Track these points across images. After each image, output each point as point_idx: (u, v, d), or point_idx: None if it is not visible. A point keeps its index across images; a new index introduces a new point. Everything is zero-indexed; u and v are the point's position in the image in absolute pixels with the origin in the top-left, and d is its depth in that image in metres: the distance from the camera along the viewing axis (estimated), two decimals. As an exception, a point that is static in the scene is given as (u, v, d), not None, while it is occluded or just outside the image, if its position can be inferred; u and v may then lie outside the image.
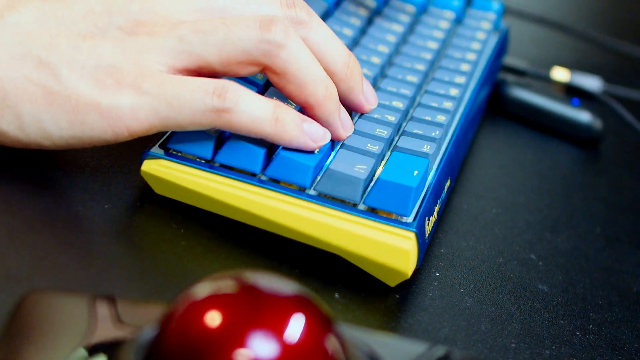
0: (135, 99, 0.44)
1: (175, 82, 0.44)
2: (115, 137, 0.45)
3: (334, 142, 0.50)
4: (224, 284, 0.33)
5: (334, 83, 0.49)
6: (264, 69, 0.47)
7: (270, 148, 0.48)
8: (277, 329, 0.32)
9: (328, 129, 0.48)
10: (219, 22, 0.46)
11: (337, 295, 0.46)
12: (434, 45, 0.63)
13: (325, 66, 0.48)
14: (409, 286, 0.48)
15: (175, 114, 0.44)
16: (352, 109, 0.52)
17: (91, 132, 0.44)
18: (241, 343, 0.31)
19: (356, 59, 0.51)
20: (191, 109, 0.44)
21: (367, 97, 0.52)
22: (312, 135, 0.47)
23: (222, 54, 0.45)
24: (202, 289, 0.33)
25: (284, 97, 0.49)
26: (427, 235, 0.48)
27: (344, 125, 0.49)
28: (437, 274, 0.50)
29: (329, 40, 0.49)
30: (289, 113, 0.46)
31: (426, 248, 0.49)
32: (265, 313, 0.32)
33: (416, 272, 0.48)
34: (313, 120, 0.48)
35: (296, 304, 0.33)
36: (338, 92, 0.49)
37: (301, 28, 0.48)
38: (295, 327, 0.32)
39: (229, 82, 0.45)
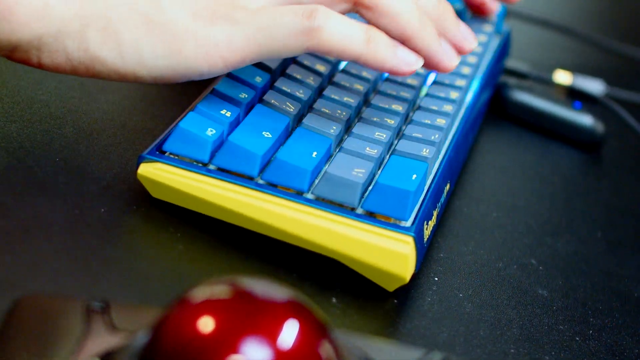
0: (229, 29, 0.46)
1: (266, 11, 0.46)
2: (209, 68, 0.46)
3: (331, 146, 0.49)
4: (218, 290, 0.33)
5: None
6: (355, 5, 0.49)
7: (268, 151, 0.47)
8: (270, 335, 0.32)
9: (432, 61, 0.50)
10: None
11: (334, 300, 0.45)
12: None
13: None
14: (407, 291, 0.47)
15: (268, 40, 0.46)
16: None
17: (186, 62, 0.46)
18: (234, 349, 0.31)
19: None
20: (283, 33, 0.46)
21: (465, 35, 0.52)
22: (405, 58, 0.48)
23: None
24: (196, 295, 0.33)
25: None
26: (425, 239, 0.48)
27: (448, 54, 0.50)
28: (436, 279, 0.49)
29: None
30: (381, 35, 0.47)
31: (425, 252, 0.49)
32: (259, 319, 0.32)
33: (415, 276, 0.48)
34: (405, 47, 0.48)
35: (290, 309, 0.33)
36: None
37: None
38: (289, 333, 0.32)
39: (319, 5, 0.47)
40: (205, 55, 0.46)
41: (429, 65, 0.50)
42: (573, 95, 0.74)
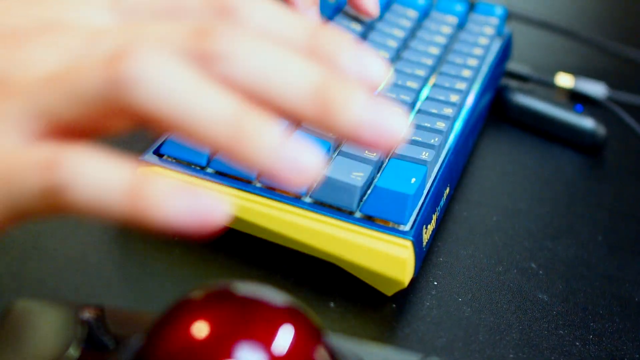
0: None
1: (6, 160, 0.31)
2: None
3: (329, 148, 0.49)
4: (213, 295, 0.33)
5: None
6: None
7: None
8: (265, 340, 0.31)
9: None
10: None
11: (332, 304, 0.45)
12: (435, 50, 0.63)
13: None
14: (406, 295, 0.47)
15: (9, 203, 0.31)
16: None
17: None
18: (228, 354, 0.31)
19: None
20: (19, 196, 0.31)
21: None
22: (198, 211, 0.30)
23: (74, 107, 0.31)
24: (190, 300, 0.33)
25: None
26: (424, 243, 0.47)
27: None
28: (435, 283, 0.49)
29: None
30: (153, 186, 0.30)
31: (424, 256, 0.48)
32: (254, 324, 0.32)
33: (414, 280, 0.47)
34: (201, 192, 0.30)
35: (285, 315, 0.32)
36: None
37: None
38: (284, 338, 0.32)
39: (66, 151, 0.31)
40: None
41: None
42: (575, 98, 0.73)
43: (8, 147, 0.32)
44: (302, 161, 0.30)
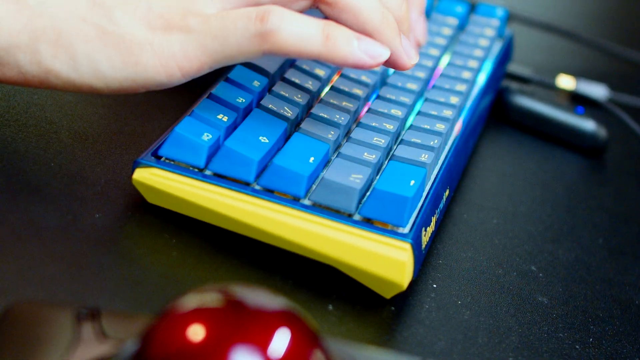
0: (184, 38, 0.45)
1: (219, 16, 0.45)
2: (168, 78, 0.45)
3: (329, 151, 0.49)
4: (209, 298, 0.33)
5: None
6: (315, 1, 0.48)
7: (265, 157, 0.47)
8: (261, 343, 0.31)
9: (391, 58, 0.48)
10: None
11: (330, 307, 0.45)
12: (435, 52, 0.62)
13: None
14: (405, 298, 0.47)
15: (222, 46, 0.45)
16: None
17: (145, 73, 0.45)
18: (224, 358, 0.30)
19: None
20: (236, 38, 0.44)
21: (407, 48, 0.49)
22: (369, 51, 0.46)
23: None
24: (186, 303, 0.32)
25: None
26: (424, 246, 0.47)
27: (408, 53, 0.49)
28: (435, 286, 0.49)
29: None
30: (340, 29, 0.46)
31: (423, 259, 0.48)
32: (250, 328, 0.32)
33: (413, 283, 0.47)
34: (369, 38, 0.46)
35: (282, 318, 0.32)
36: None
37: None
38: (280, 342, 0.31)
39: (272, 6, 0.45)
40: (163, 65, 0.45)
41: (388, 62, 0.48)
42: (576, 100, 0.73)
43: (212, 11, 0.45)
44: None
